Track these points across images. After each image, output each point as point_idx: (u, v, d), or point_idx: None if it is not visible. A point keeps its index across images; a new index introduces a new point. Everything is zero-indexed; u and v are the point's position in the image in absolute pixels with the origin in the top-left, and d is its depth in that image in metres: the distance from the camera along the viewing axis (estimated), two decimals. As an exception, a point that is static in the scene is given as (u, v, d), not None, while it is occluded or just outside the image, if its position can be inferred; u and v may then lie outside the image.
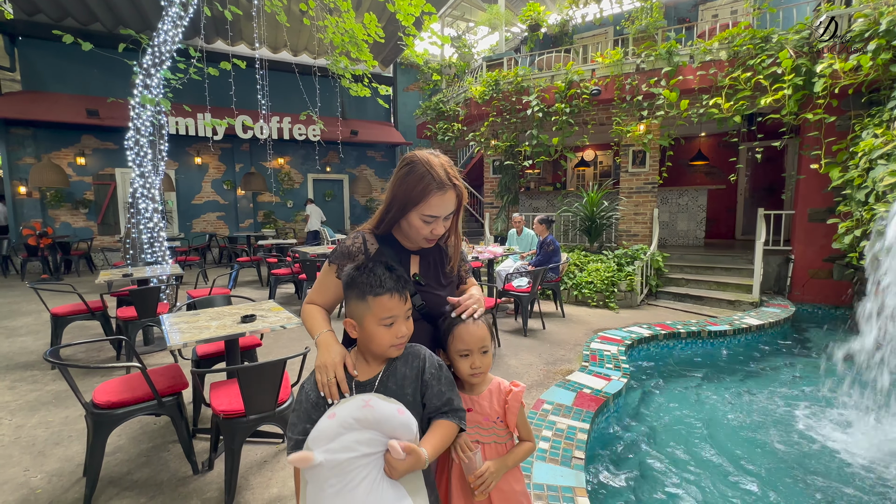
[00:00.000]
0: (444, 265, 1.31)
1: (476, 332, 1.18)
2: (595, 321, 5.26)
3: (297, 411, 1.08)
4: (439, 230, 1.19)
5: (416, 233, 1.19)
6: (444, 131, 9.14)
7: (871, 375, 3.04)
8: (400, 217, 1.20)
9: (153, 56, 5.31)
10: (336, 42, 6.34)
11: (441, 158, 1.17)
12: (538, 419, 2.68)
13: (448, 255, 1.32)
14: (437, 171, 1.13)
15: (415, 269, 1.27)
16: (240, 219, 11.00)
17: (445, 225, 1.20)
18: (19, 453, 2.44)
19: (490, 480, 1.14)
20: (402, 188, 1.16)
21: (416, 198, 1.13)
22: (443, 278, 1.30)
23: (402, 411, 0.99)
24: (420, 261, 1.28)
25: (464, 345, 1.18)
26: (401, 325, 1.05)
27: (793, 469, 2.50)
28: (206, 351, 2.78)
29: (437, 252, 1.31)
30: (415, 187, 1.13)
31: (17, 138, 8.78)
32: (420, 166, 1.14)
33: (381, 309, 1.02)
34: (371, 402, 0.98)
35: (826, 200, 5.68)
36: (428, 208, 1.14)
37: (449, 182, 1.14)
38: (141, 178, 5.36)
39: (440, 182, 1.12)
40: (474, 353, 1.18)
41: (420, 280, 1.25)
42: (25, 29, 8.61)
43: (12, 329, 4.86)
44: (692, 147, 9.58)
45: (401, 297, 1.04)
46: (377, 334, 1.04)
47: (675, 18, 9.74)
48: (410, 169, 1.15)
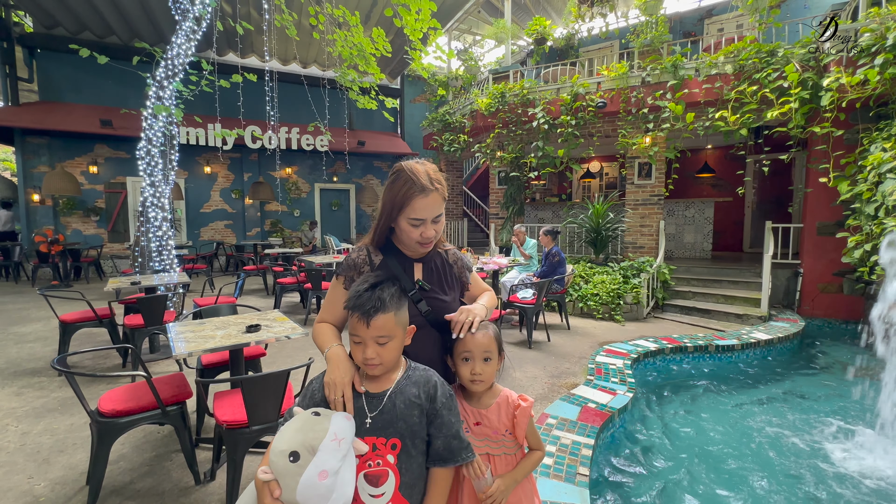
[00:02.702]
0: (447, 271, 1.34)
1: (479, 337, 1.19)
2: (600, 334, 5.22)
3: (302, 398, 1.12)
4: (429, 233, 1.21)
5: (408, 238, 1.23)
6: (451, 142, 9.21)
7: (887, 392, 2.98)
8: (391, 224, 1.24)
9: (166, 68, 5.43)
10: (345, 55, 6.45)
11: (426, 166, 1.22)
12: (542, 433, 2.65)
13: (449, 262, 1.36)
14: (419, 177, 1.17)
15: (418, 275, 1.30)
16: (247, 227, 11.11)
17: (435, 227, 1.23)
18: (24, 460, 2.45)
19: (500, 498, 1.14)
20: (389, 196, 1.21)
21: (401, 202, 1.18)
22: (446, 284, 1.32)
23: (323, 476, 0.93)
24: (423, 267, 1.31)
25: (465, 348, 1.20)
26: (367, 348, 1.05)
27: (808, 490, 2.44)
28: (211, 360, 2.79)
29: (438, 258, 1.35)
30: (399, 192, 1.18)
31: (33, 147, 8.98)
32: (404, 173, 1.18)
33: (351, 324, 1.08)
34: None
35: (835, 214, 5.63)
36: (413, 212, 1.18)
37: (431, 185, 1.17)
38: (151, 186, 5.44)
39: (422, 186, 1.16)
40: (476, 358, 1.19)
41: (424, 286, 1.27)
42: (44, 42, 8.87)
43: (22, 335, 4.91)
44: (698, 159, 9.56)
45: (361, 318, 1.04)
46: (352, 350, 1.09)
47: (681, 32, 9.81)
48: (396, 177, 1.20)
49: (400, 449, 1.05)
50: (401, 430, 1.05)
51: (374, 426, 1.05)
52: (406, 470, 1.05)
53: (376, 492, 1.03)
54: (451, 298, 1.31)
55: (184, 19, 5.48)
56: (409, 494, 1.05)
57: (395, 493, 1.04)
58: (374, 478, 1.03)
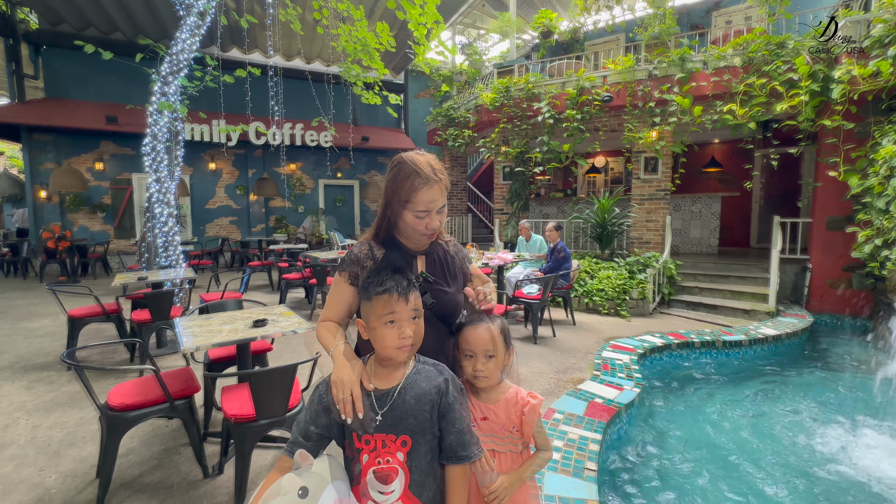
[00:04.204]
0: (449, 263, 1.34)
1: (482, 334, 1.18)
2: (606, 329, 5.19)
3: (307, 410, 1.11)
4: (434, 223, 1.21)
5: (412, 230, 1.22)
6: (455, 138, 9.17)
7: None
8: (396, 217, 1.23)
9: (171, 64, 5.43)
10: (349, 50, 6.42)
11: (427, 156, 1.21)
12: (549, 429, 2.64)
13: (451, 254, 1.36)
14: (422, 168, 1.16)
15: (421, 268, 1.29)
16: (252, 223, 11.14)
17: (440, 218, 1.22)
18: (35, 453, 2.48)
19: (503, 495, 1.13)
20: (392, 188, 1.20)
21: (405, 195, 1.17)
22: (449, 275, 1.32)
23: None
24: (426, 260, 1.31)
25: (468, 345, 1.19)
26: (404, 326, 1.05)
27: (817, 488, 2.42)
28: (218, 355, 2.80)
29: (440, 250, 1.34)
30: (403, 185, 1.17)
31: (40, 144, 9.03)
32: (406, 166, 1.18)
33: (381, 307, 1.04)
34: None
35: (844, 208, 5.55)
36: (418, 203, 1.17)
37: (435, 176, 1.17)
38: (157, 183, 5.46)
39: (426, 177, 1.15)
40: (478, 355, 1.18)
41: (428, 278, 1.26)
42: (49, 39, 8.90)
43: (31, 330, 4.96)
44: (705, 153, 9.46)
45: (401, 297, 1.04)
46: (381, 334, 1.05)
47: (688, 25, 9.68)
48: (399, 170, 1.19)
49: (410, 446, 1.04)
50: (411, 426, 1.04)
51: (384, 423, 1.04)
52: (415, 468, 1.04)
53: (386, 489, 1.02)
54: (454, 290, 1.30)
55: (187, 15, 5.47)
56: (418, 492, 1.05)
57: (405, 490, 1.03)
58: (384, 476, 1.03)
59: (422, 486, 1.05)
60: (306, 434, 1.08)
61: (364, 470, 1.04)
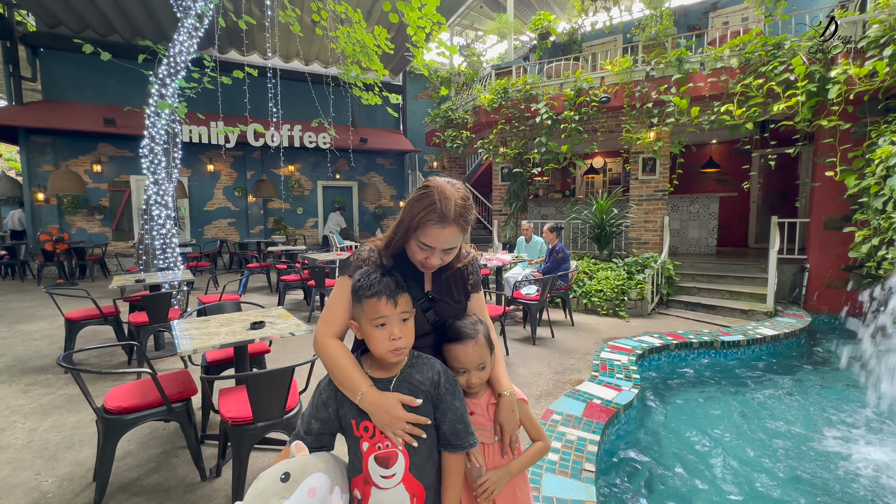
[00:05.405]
0: (459, 282, 1.31)
1: (471, 353, 1.20)
2: (605, 330, 5.20)
3: (310, 404, 1.16)
4: (433, 261, 1.16)
5: (412, 256, 1.20)
6: (453, 139, 9.17)
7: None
8: (404, 240, 1.19)
9: (169, 66, 5.43)
10: (347, 51, 6.42)
11: (458, 191, 1.14)
12: (547, 429, 2.64)
13: (465, 274, 1.32)
14: (445, 204, 1.10)
15: (428, 286, 1.27)
16: (250, 225, 11.12)
17: (443, 258, 1.17)
18: (31, 457, 2.47)
19: (492, 488, 1.16)
20: (409, 212, 1.15)
21: (416, 224, 1.12)
22: (456, 294, 1.30)
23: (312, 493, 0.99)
24: (433, 277, 1.28)
25: (459, 364, 1.21)
26: (393, 327, 1.07)
27: (814, 487, 2.42)
28: (216, 357, 2.80)
29: (449, 270, 1.30)
30: (418, 213, 1.12)
31: (37, 146, 9.02)
32: (430, 196, 1.11)
33: (371, 310, 1.07)
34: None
35: (842, 208, 5.57)
36: (424, 236, 1.13)
37: (452, 217, 1.11)
38: (155, 185, 5.45)
39: (441, 215, 1.09)
40: (471, 371, 1.21)
41: (433, 296, 1.26)
42: (47, 41, 8.88)
43: (28, 333, 4.95)
44: (703, 154, 9.48)
45: (389, 300, 1.06)
46: (372, 336, 1.08)
47: (685, 26, 9.71)
48: (423, 195, 1.13)
49: None
50: None
51: None
52: (415, 452, 1.08)
53: (387, 472, 1.07)
54: (459, 307, 1.30)
55: (186, 16, 5.47)
56: (419, 475, 1.08)
57: (406, 473, 1.07)
58: (385, 459, 1.07)
59: (423, 470, 1.09)
60: (308, 428, 1.13)
61: (365, 457, 1.07)
